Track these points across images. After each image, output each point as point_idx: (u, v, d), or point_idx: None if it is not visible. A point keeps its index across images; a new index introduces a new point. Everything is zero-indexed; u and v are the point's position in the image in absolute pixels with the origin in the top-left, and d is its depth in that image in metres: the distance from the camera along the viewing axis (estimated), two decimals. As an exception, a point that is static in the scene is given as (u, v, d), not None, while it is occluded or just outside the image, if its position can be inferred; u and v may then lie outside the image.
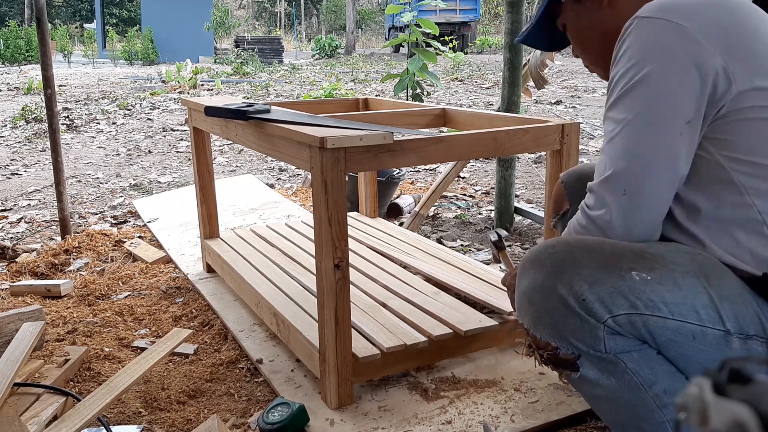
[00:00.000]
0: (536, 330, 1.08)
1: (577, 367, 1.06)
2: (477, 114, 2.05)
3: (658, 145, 1.02)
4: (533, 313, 1.08)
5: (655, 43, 1.02)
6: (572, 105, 7.55)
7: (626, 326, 1.00)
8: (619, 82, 1.06)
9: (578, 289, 1.01)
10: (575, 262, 1.03)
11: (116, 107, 8.04)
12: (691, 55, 1.00)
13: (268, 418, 1.42)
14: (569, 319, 1.03)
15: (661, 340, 1.01)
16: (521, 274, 1.11)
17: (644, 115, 1.03)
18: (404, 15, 3.62)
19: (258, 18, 40.76)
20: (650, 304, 0.99)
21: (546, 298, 1.05)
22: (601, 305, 1.00)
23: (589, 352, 1.04)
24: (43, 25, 2.67)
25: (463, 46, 19.04)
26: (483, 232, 3.01)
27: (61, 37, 21.70)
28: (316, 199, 1.41)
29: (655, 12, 1.04)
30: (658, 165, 1.03)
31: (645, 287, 0.99)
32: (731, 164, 1.03)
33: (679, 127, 1.02)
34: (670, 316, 0.99)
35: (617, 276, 1.00)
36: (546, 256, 1.07)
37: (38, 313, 1.85)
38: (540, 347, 1.09)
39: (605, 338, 1.02)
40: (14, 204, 3.74)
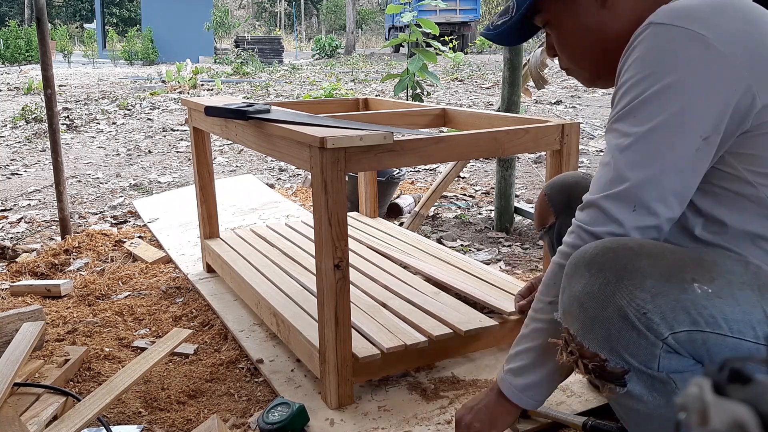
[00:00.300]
0: (585, 338, 1.01)
1: (624, 382, 1.00)
2: (477, 114, 2.05)
3: (672, 161, 0.98)
4: (585, 320, 1.00)
5: (673, 53, 0.97)
6: (572, 105, 7.55)
7: (685, 344, 0.95)
8: (630, 91, 1.00)
9: (640, 301, 0.94)
10: (638, 271, 0.95)
11: (116, 107, 8.04)
12: (712, 68, 0.95)
13: (268, 418, 1.42)
14: (626, 333, 0.96)
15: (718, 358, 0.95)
16: (573, 276, 1.02)
17: (659, 130, 0.97)
18: (404, 15, 3.62)
19: (258, 18, 40.77)
20: (711, 320, 0.93)
21: (602, 306, 0.97)
22: (663, 321, 0.94)
23: (640, 368, 0.98)
24: (43, 25, 2.67)
25: (463, 46, 19.04)
26: (483, 232, 3.01)
27: (61, 37, 21.71)
28: (316, 199, 1.41)
29: (673, 19, 0.98)
30: (670, 182, 0.98)
31: (706, 302, 0.93)
32: (757, 179, 0.99)
33: (696, 143, 0.97)
34: (730, 334, 0.94)
35: (680, 288, 0.94)
36: (605, 259, 0.98)
37: (38, 313, 1.85)
38: (585, 357, 1.02)
39: (661, 356, 0.96)
40: (14, 204, 3.74)
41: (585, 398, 1.49)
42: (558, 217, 1.46)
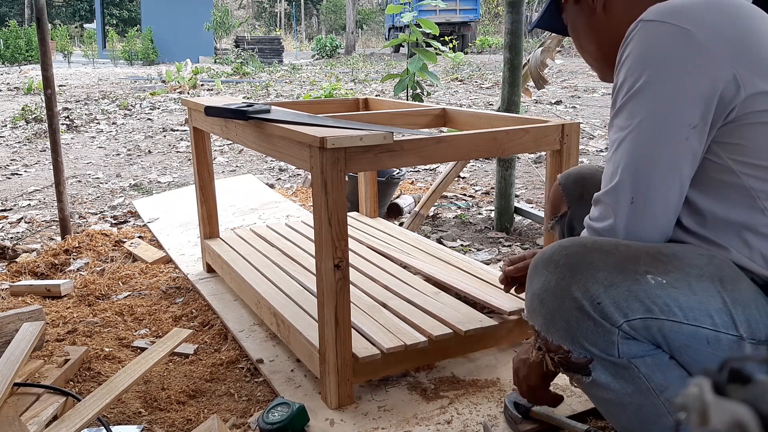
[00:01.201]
0: (548, 332, 1.06)
1: (589, 371, 1.05)
2: (477, 114, 2.05)
3: (663, 151, 1.01)
4: (545, 315, 1.06)
5: (660, 47, 1.01)
6: (572, 105, 7.55)
7: (641, 331, 0.99)
8: (622, 87, 1.05)
9: (594, 292, 0.99)
10: (591, 265, 1.01)
11: (116, 107, 8.04)
12: (697, 60, 0.99)
13: (268, 418, 1.42)
14: (583, 323, 1.01)
15: (676, 345, 1.00)
16: (533, 275, 1.09)
17: (648, 121, 1.02)
18: (404, 15, 3.62)
19: (258, 18, 40.77)
20: (666, 308, 0.97)
21: (559, 299, 1.03)
22: (617, 309, 0.98)
23: (602, 356, 1.02)
24: (43, 25, 2.67)
25: (463, 46, 19.04)
26: (483, 232, 3.01)
27: (61, 37, 21.71)
28: (316, 199, 1.41)
29: (660, 16, 1.02)
30: (664, 171, 1.02)
31: (661, 291, 0.98)
32: (742, 168, 1.01)
33: (685, 132, 1.00)
34: (685, 321, 0.98)
35: (633, 279, 0.98)
36: (560, 257, 1.04)
37: (38, 313, 1.85)
38: (551, 350, 1.07)
39: (619, 343, 1.00)
40: (14, 204, 3.74)
41: (585, 398, 1.49)
42: (570, 206, 1.47)
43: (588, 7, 1.21)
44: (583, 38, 1.26)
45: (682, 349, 1.00)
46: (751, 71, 0.99)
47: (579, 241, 1.07)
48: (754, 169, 1.01)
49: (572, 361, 1.05)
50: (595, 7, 1.19)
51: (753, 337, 0.99)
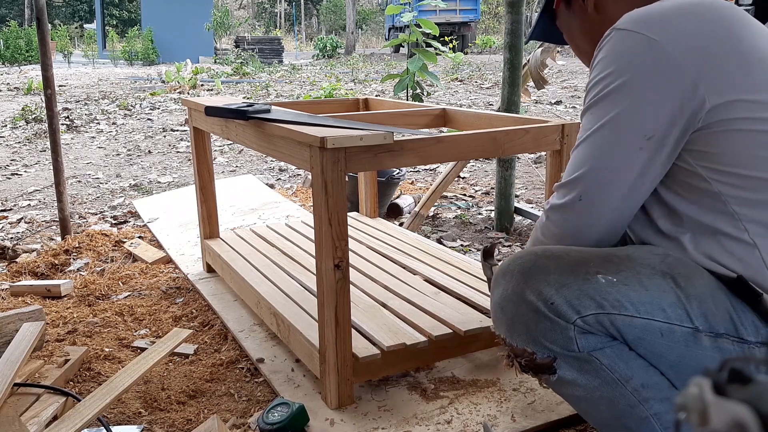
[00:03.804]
0: (512, 338, 1.11)
1: (554, 369, 1.08)
2: (477, 114, 2.05)
3: (616, 157, 1.05)
4: (507, 321, 1.10)
5: (627, 56, 1.04)
6: (572, 105, 7.55)
7: (595, 326, 1.03)
8: (591, 90, 1.09)
9: (546, 294, 1.04)
10: (542, 269, 1.06)
11: (116, 107, 8.04)
12: (661, 72, 1.01)
13: (268, 418, 1.42)
14: (541, 323, 1.05)
15: (631, 337, 1.03)
16: (494, 287, 1.14)
17: (606, 128, 1.05)
18: (404, 15, 3.62)
19: (258, 18, 40.77)
20: (617, 303, 1.01)
21: (517, 305, 1.08)
22: (569, 307, 1.03)
23: (563, 353, 1.06)
24: (43, 25, 2.67)
25: (463, 47, 19.05)
26: (483, 232, 3.01)
27: (61, 37, 21.71)
28: (316, 199, 1.41)
29: (630, 24, 1.05)
30: (613, 177, 1.06)
31: (611, 288, 1.02)
32: (711, 174, 1.04)
33: (638, 142, 1.04)
34: (637, 315, 1.01)
35: (583, 279, 1.03)
36: (515, 266, 1.10)
37: (38, 314, 1.85)
38: (517, 355, 1.11)
39: (576, 337, 1.04)
40: (14, 204, 3.74)
41: (585, 398, 1.49)
42: None
43: (579, 8, 1.25)
44: (579, 40, 1.29)
45: (637, 342, 1.04)
46: (719, 81, 1.01)
47: (531, 250, 1.12)
48: (722, 175, 1.03)
49: (538, 362, 1.09)
50: (586, 7, 1.23)
51: (711, 330, 1.01)
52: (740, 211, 1.03)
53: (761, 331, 1.02)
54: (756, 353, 1.02)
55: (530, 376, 1.14)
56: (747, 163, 1.01)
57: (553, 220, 1.13)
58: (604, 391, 1.07)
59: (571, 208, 1.09)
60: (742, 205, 1.03)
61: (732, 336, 1.01)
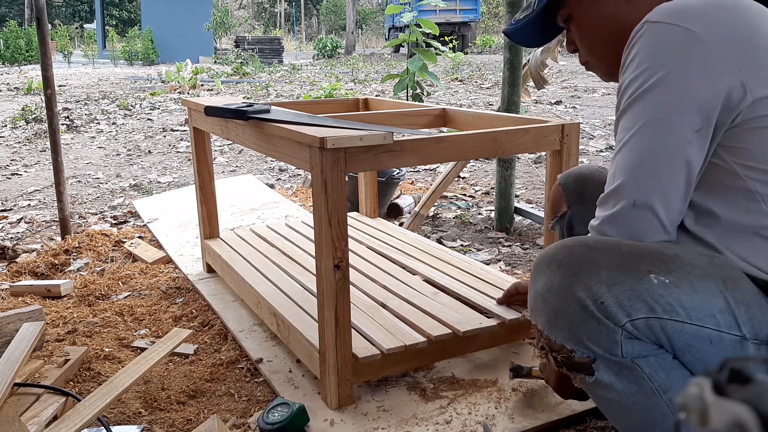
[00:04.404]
0: (551, 332, 1.06)
1: (592, 371, 1.04)
2: (477, 114, 2.05)
3: (666, 154, 1.01)
4: (548, 314, 1.05)
5: (666, 49, 1.00)
6: (572, 105, 7.55)
7: (644, 330, 0.99)
8: (627, 89, 1.04)
9: (597, 292, 0.99)
10: (593, 263, 1.01)
11: (116, 107, 8.04)
12: (703, 64, 0.98)
13: (268, 418, 1.42)
14: (586, 322, 1.01)
15: (679, 344, 0.99)
16: (536, 274, 1.09)
17: (652, 124, 1.01)
18: (404, 15, 3.62)
19: (258, 18, 40.77)
20: (669, 308, 0.97)
21: (563, 299, 1.03)
22: (620, 308, 0.98)
23: (605, 356, 1.02)
24: (43, 25, 2.67)
25: (463, 47, 19.04)
26: (483, 232, 3.01)
27: (61, 37, 21.71)
28: (316, 199, 1.41)
29: (666, 17, 1.01)
30: (667, 174, 1.01)
31: (664, 290, 0.97)
32: (746, 172, 1.01)
33: (688, 136, 1.00)
34: (688, 321, 0.97)
35: (636, 278, 0.98)
36: (563, 256, 1.04)
37: (38, 313, 1.85)
38: (554, 350, 1.07)
39: (622, 342, 1.00)
40: (14, 204, 3.74)
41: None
42: (570, 206, 1.47)
43: None
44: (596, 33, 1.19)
45: (685, 349, 1.00)
46: (758, 75, 0.98)
47: (582, 240, 1.07)
48: (758, 172, 1.00)
49: (575, 360, 1.05)
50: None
51: (756, 337, 0.98)
52: None
53: None
54: None
55: (563, 372, 1.10)
56: None
57: (610, 233, 1.06)
58: (639, 398, 1.03)
59: (627, 215, 1.04)
60: None
61: None
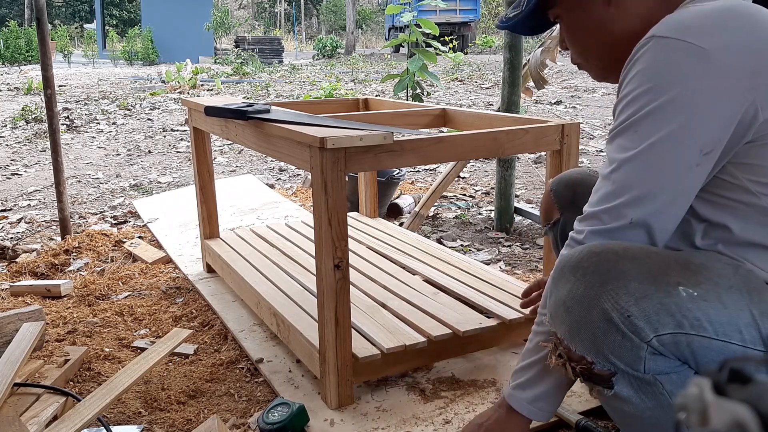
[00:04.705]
0: (572, 342, 1.02)
1: (611, 384, 1.01)
2: (477, 114, 2.05)
3: (671, 177, 0.98)
4: (571, 323, 1.02)
5: (674, 67, 0.96)
6: (572, 105, 7.55)
7: (670, 346, 0.96)
8: (630, 105, 1.00)
9: (624, 304, 0.95)
10: (622, 274, 0.96)
11: (116, 107, 8.04)
12: (713, 83, 0.95)
13: (268, 418, 1.42)
14: (610, 335, 0.97)
15: (704, 361, 0.96)
16: (558, 279, 1.04)
17: (659, 146, 0.98)
18: (404, 15, 3.62)
19: (258, 18, 40.76)
20: (696, 323, 0.94)
21: (587, 310, 0.98)
22: (647, 323, 0.95)
23: (627, 370, 0.99)
24: (43, 25, 2.67)
25: (463, 47, 19.04)
26: (483, 232, 3.01)
27: (61, 37, 21.71)
28: (316, 199, 1.41)
29: (674, 32, 0.97)
30: (669, 197, 0.99)
31: (692, 304, 0.94)
32: (758, 188, 0.99)
33: (696, 159, 0.97)
34: (715, 337, 0.94)
35: (664, 291, 0.94)
36: (590, 263, 0.99)
37: (38, 313, 1.85)
38: (573, 360, 1.03)
39: (647, 358, 0.97)
40: (14, 204, 3.74)
41: (585, 398, 1.49)
42: (563, 213, 1.47)
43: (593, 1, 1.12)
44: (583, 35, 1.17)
45: (709, 365, 0.96)
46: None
47: (610, 247, 1.01)
48: None
49: (595, 372, 1.02)
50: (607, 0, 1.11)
51: None
52: None
53: None
54: None
55: (580, 381, 1.07)
56: None
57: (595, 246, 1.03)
58: (656, 412, 1.01)
59: (621, 231, 1.02)
60: None
61: None
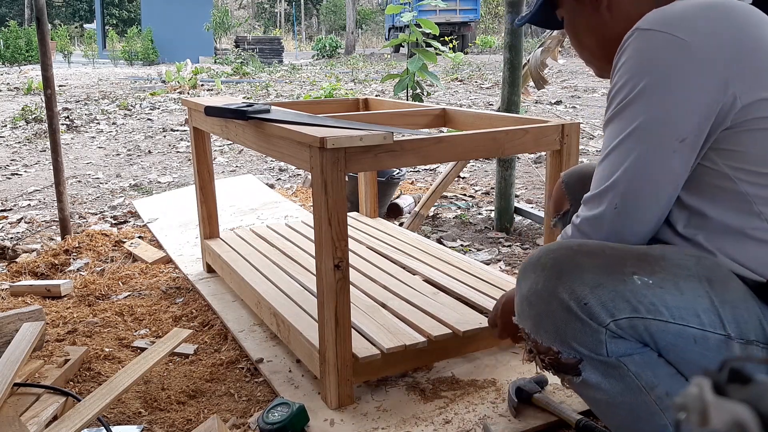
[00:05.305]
0: (537, 334, 1.07)
1: (579, 371, 1.05)
2: (477, 114, 2.05)
3: (651, 163, 1.03)
4: (534, 317, 1.07)
5: (655, 58, 1.01)
6: (572, 105, 7.55)
7: (628, 330, 1.00)
8: (616, 96, 1.06)
9: (580, 293, 1.01)
10: (577, 266, 1.02)
11: (116, 107, 8.04)
12: (692, 73, 0.99)
13: (268, 418, 1.42)
14: (571, 324, 1.02)
15: (663, 343, 1.01)
16: (521, 278, 1.10)
17: (638, 133, 1.03)
18: (404, 15, 3.62)
19: (258, 18, 40.76)
20: (652, 308, 0.98)
21: (547, 302, 1.04)
22: (603, 309, 0.99)
23: (591, 356, 1.03)
24: (43, 25, 2.67)
25: (463, 47, 19.04)
26: (483, 232, 3.01)
27: (61, 37, 21.70)
28: (316, 199, 1.41)
29: (656, 24, 1.02)
30: (649, 182, 1.04)
31: (647, 291, 0.99)
32: (737, 174, 1.02)
33: (673, 146, 1.02)
34: (672, 320, 0.98)
35: (619, 280, 1.00)
36: (547, 260, 1.06)
37: (38, 313, 1.85)
38: (541, 352, 1.08)
39: (607, 342, 1.01)
40: (14, 204, 3.74)
41: (585, 398, 1.49)
42: (572, 204, 1.48)
43: (591, 4, 1.19)
44: (583, 35, 1.23)
45: (669, 348, 1.01)
46: (749, 80, 0.99)
47: (565, 244, 1.09)
48: (750, 175, 1.01)
49: (562, 362, 1.06)
50: (599, 3, 1.18)
51: (741, 337, 0.99)
52: (766, 212, 1.01)
53: None
54: None
55: (551, 374, 1.12)
56: None
57: (588, 232, 1.10)
58: (626, 396, 1.05)
59: (608, 218, 1.07)
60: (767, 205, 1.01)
61: (762, 342, 1.00)
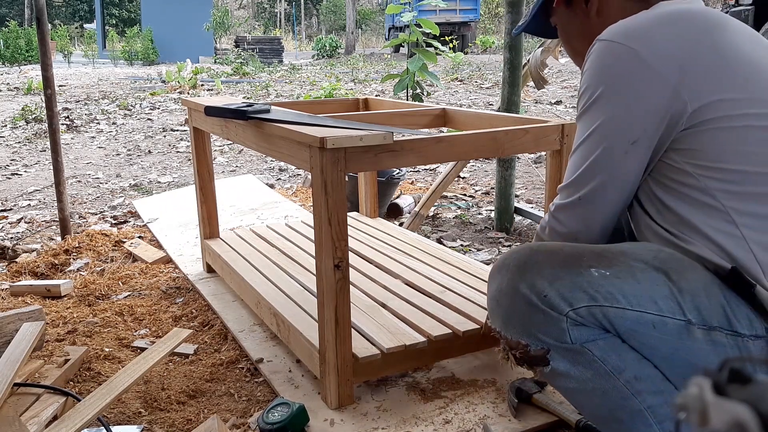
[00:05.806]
0: (507, 331, 1.14)
1: (548, 361, 1.11)
2: (477, 114, 2.05)
3: (605, 162, 1.13)
4: (502, 315, 1.14)
5: (608, 66, 1.11)
6: (572, 105, 7.55)
7: (588, 317, 1.05)
8: (582, 97, 1.16)
9: (540, 287, 1.07)
10: (536, 263, 1.10)
11: (116, 107, 8.04)
12: (642, 81, 1.07)
13: (268, 418, 1.42)
14: (534, 316, 1.08)
15: (623, 329, 1.06)
16: (490, 281, 1.18)
17: (595, 134, 1.13)
18: (404, 15, 3.62)
19: (258, 18, 40.75)
20: (609, 296, 1.04)
21: (511, 298, 1.11)
22: (562, 299, 1.06)
23: (556, 345, 1.09)
24: (43, 25, 2.67)
25: (463, 46, 19.04)
26: (483, 232, 3.01)
27: (61, 37, 21.69)
28: (316, 199, 1.41)
29: (614, 36, 1.11)
30: (604, 179, 1.14)
31: (603, 281, 1.05)
32: (698, 171, 1.08)
33: (625, 147, 1.11)
34: (629, 307, 1.04)
35: (576, 273, 1.07)
36: (510, 261, 1.14)
37: (38, 313, 1.85)
38: (512, 348, 1.14)
39: (569, 329, 1.07)
40: (14, 204, 3.74)
41: (585, 398, 1.49)
42: None
43: (581, 11, 1.27)
44: (576, 41, 1.32)
45: (629, 334, 1.07)
46: (700, 84, 1.06)
47: (527, 245, 1.17)
48: (708, 170, 1.08)
49: (531, 354, 1.12)
50: (588, 10, 1.26)
51: (704, 324, 1.04)
52: (728, 204, 1.07)
53: (755, 324, 1.04)
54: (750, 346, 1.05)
55: (525, 368, 1.17)
56: (730, 158, 1.06)
57: (560, 219, 1.21)
58: (597, 383, 1.09)
59: (573, 207, 1.18)
60: (729, 198, 1.07)
61: (725, 329, 1.04)
